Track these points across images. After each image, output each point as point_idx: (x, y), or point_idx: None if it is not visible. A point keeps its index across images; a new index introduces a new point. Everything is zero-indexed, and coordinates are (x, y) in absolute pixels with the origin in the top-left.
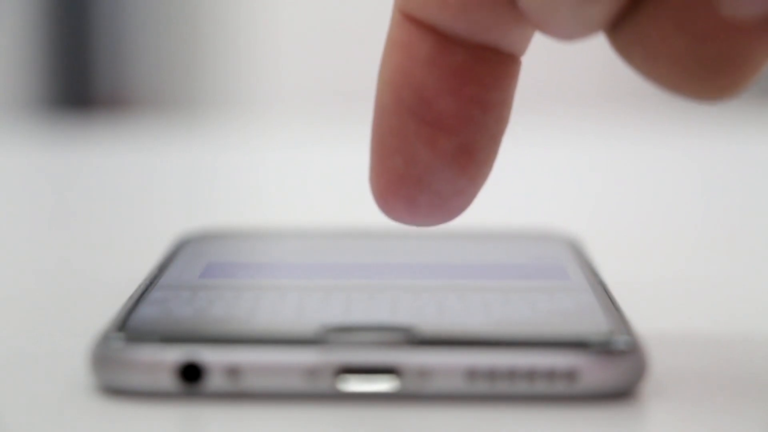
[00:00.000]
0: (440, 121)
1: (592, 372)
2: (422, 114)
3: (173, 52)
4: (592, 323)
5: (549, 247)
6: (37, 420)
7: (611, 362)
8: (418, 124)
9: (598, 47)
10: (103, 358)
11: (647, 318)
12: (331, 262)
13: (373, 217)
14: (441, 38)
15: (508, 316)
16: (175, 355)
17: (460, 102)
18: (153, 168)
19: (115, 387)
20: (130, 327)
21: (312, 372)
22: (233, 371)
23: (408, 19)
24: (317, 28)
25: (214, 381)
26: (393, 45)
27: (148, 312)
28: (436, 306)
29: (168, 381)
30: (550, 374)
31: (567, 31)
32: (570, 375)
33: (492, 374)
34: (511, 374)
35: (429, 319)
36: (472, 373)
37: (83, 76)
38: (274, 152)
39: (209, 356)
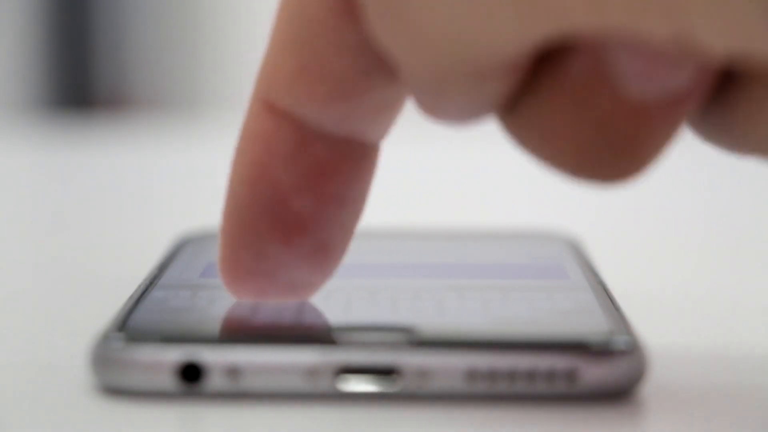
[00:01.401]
0: (297, 222)
1: (592, 372)
2: (278, 214)
3: (173, 52)
4: (592, 323)
5: (549, 247)
6: (37, 420)
7: (611, 362)
8: (274, 224)
9: None
10: (103, 358)
11: (647, 318)
12: None
13: (373, 218)
14: (302, 131)
15: (508, 317)
16: (175, 355)
17: (318, 200)
18: (153, 168)
19: (115, 387)
20: (130, 327)
21: (312, 372)
22: (233, 371)
23: (269, 110)
24: None
25: (214, 381)
26: (249, 136)
27: (148, 312)
28: (436, 306)
29: (168, 381)
30: (550, 374)
31: (457, 114)
32: (570, 375)
33: (492, 374)
34: (511, 374)
35: (429, 319)
36: (472, 374)
37: (83, 76)
38: None
39: (209, 356)
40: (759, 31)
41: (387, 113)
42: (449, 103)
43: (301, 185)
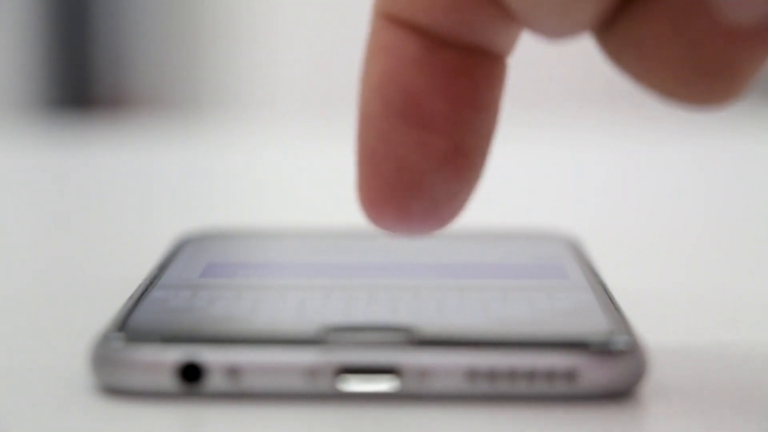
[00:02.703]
0: (431, 123)
1: (592, 372)
2: (412, 116)
3: (173, 52)
4: (592, 323)
5: (549, 247)
6: (38, 420)
7: (611, 362)
8: (409, 126)
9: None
10: (103, 358)
11: (647, 318)
12: (331, 262)
13: None
14: (427, 39)
15: (508, 316)
16: (175, 355)
17: (451, 102)
18: (153, 168)
19: (115, 387)
20: (130, 327)
21: (312, 372)
22: (233, 371)
23: (391, 22)
24: (317, 28)
25: (214, 381)
26: (376, 49)
27: (148, 312)
28: (436, 306)
29: (168, 381)
30: (550, 374)
31: (553, 29)
32: (570, 375)
33: (492, 374)
34: (511, 374)
35: (429, 319)
36: (473, 373)
37: (83, 76)
38: (274, 152)
39: (209, 356)
40: None
41: (507, 26)
42: (545, 21)
43: (432, 89)
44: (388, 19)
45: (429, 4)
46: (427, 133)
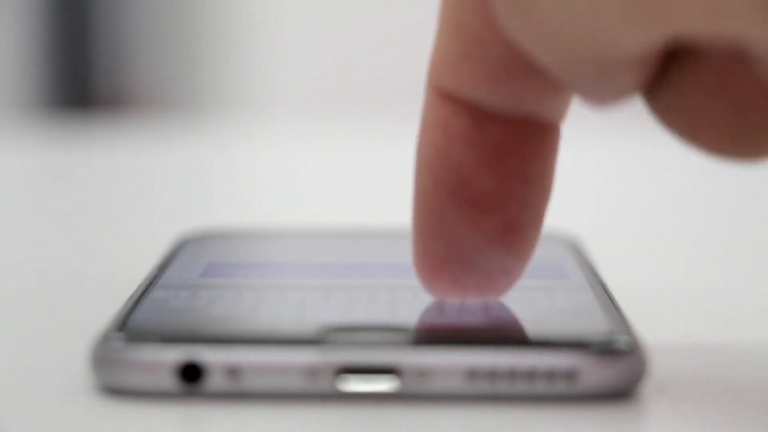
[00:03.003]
0: (482, 201)
1: (592, 372)
2: (463, 195)
3: (173, 52)
4: (592, 323)
5: (549, 247)
6: (38, 420)
7: (611, 362)
8: (460, 206)
9: None
10: (103, 358)
11: (647, 318)
12: (331, 262)
13: (373, 217)
14: (477, 114)
15: (508, 316)
16: (175, 355)
17: (501, 179)
18: (153, 168)
19: (115, 387)
20: (130, 327)
21: (312, 372)
22: (233, 371)
23: (442, 98)
24: (317, 28)
25: (214, 381)
26: (428, 125)
27: (148, 312)
28: (436, 306)
29: (168, 381)
30: (550, 374)
31: (599, 96)
32: (570, 375)
33: (492, 374)
34: (512, 374)
35: (429, 319)
36: (472, 373)
37: (83, 76)
38: (274, 152)
39: (209, 356)
40: None
41: (557, 93)
42: (587, 90)
43: (482, 165)
44: (438, 94)
45: (475, 79)
46: (478, 211)
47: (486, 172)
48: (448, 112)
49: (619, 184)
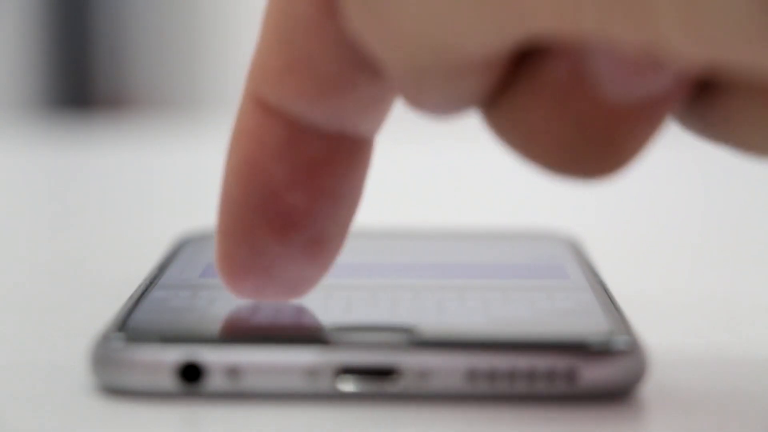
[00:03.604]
0: (290, 217)
1: (592, 372)
2: (271, 208)
3: (173, 52)
4: (592, 323)
5: (549, 247)
6: (38, 420)
7: (611, 362)
8: (267, 218)
9: None
10: (103, 358)
11: (647, 318)
12: None
13: (372, 217)
14: (293, 127)
15: (508, 316)
16: (175, 355)
17: (312, 196)
18: (153, 168)
19: (115, 387)
20: (130, 327)
21: (312, 372)
22: (233, 371)
23: (259, 106)
24: None
25: (214, 381)
26: (242, 132)
27: (148, 312)
28: (436, 306)
29: (168, 381)
30: (550, 374)
31: (436, 106)
32: (570, 375)
33: (492, 374)
34: (511, 374)
35: (429, 319)
36: (472, 374)
37: (83, 76)
38: None
39: (209, 356)
40: (734, 40)
41: (378, 108)
42: (429, 97)
43: (294, 180)
44: (256, 102)
45: (298, 90)
46: (285, 227)
47: (297, 188)
48: (263, 122)
49: (619, 184)
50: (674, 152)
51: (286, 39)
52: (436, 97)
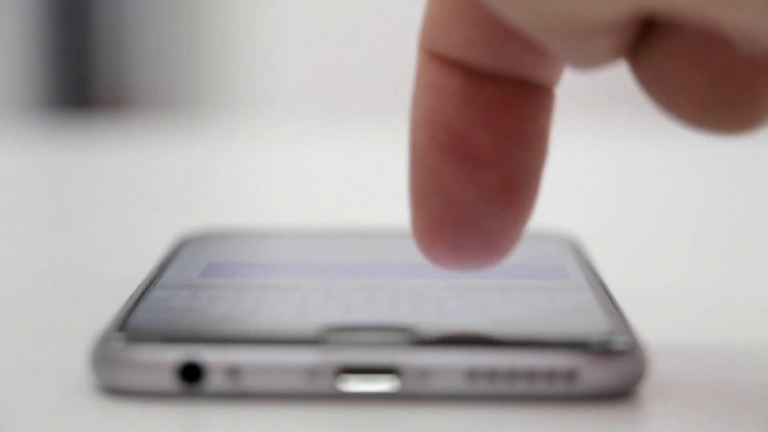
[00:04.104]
0: (478, 158)
1: (592, 372)
2: (459, 151)
3: (173, 52)
4: (592, 323)
5: (549, 247)
6: (38, 420)
7: (611, 362)
8: (456, 162)
9: None
10: (103, 358)
11: (647, 318)
12: (331, 262)
13: (372, 217)
14: (470, 74)
15: (508, 316)
16: (175, 355)
17: (497, 136)
18: (153, 168)
19: (115, 387)
20: (130, 327)
21: (312, 372)
22: (233, 371)
23: (434, 58)
24: (317, 28)
25: (214, 381)
26: (421, 85)
27: (148, 312)
28: (436, 306)
29: (168, 381)
30: (550, 374)
31: (581, 61)
32: (570, 375)
33: (492, 374)
34: (511, 374)
35: (429, 319)
36: (472, 373)
37: (83, 76)
38: (274, 152)
39: (209, 356)
40: None
41: (548, 57)
42: (567, 54)
43: (477, 123)
44: (431, 56)
45: (466, 40)
46: (474, 167)
47: (481, 129)
48: (440, 73)
49: (619, 184)
50: (674, 152)
51: None
52: (575, 54)
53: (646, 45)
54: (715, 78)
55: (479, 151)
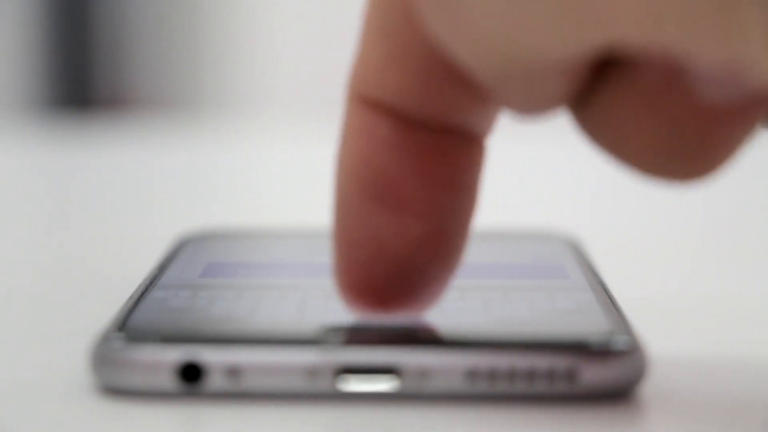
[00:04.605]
0: (408, 206)
1: (592, 372)
2: (389, 199)
3: (173, 52)
4: (592, 323)
5: (549, 247)
6: (38, 420)
7: (611, 362)
8: (386, 210)
9: None
10: (103, 358)
11: (647, 318)
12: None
13: None
14: (402, 120)
15: (508, 316)
16: (175, 355)
17: (428, 185)
18: (153, 168)
19: (115, 387)
20: (130, 327)
21: (312, 372)
22: (233, 371)
23: (364, 103)
24: (317, 28)
25: (214, 381)
26: (351, 131)
27: (148, 312)
28: (436, 306)
29: (168, 381)
30: (550, 374)
31: (524, 107)
32: (570, 375)
33: (492, 374)
34: (511, 374)
35: (429, 319)
36: (472, 373)
37: (83, 76)
38: (273, 152)
39: (209, 356)
40: None
41: (484, 105)
42: (514, 98)
43: (408, 171)
44: (361, 101)
45: (399, 86)
46: (404, 216)
47: (412, 178)
48: (371, 118)
49: (619, 184)
50: None
51: (384, 34)
52: (521, 99)
53: (596, 91)
54: (672, 125)
55: (409, 200)
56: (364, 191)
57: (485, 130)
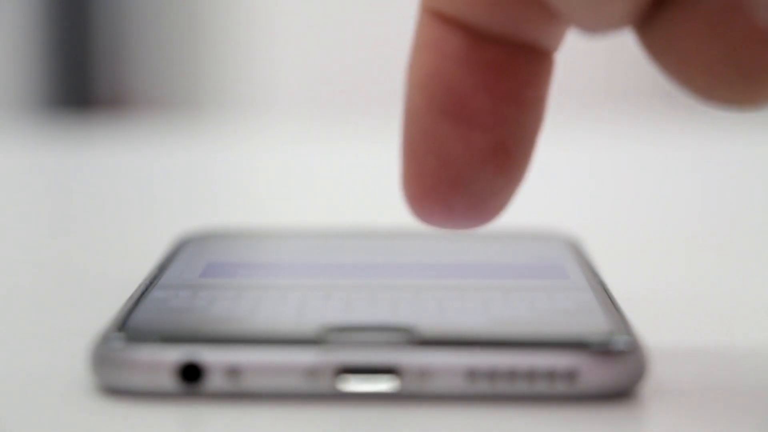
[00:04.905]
0: (475, 119)
1: (592, 372)
2: (456, 112)
3: (173, 52)
4: (592, 323)
5: (549, 247)
6: (38, 420)
7: (611, 362)
8: (452, 123)
9: (598, 47)
10: (103, 358)
11: (647, 318)
12: (331, 262)
13: (372, 217)
14: (471, 35)
15: (508, 316)
16: (175, 355)
17: (495, 98)
18: (153, 168)
19: (115, 387)
20: (130, 327)
21: (312, 372)
22: (233, 371)
23: (436, 17)
24: (317, 28)
25: (214, 381)
26: (421, 45)
27: (148, 312)
28: (436, 306)
29: (168, 381)
30: (550, 374)
31: (591, 24)
32: (570, 375)
33: (492, 374)
34: (512, 374)
35: (429, 319)
36: (473, 373)
37: (83, 76)
38: (273, 152)
39: (209, 356)
40: None
41: (552, 20)
42: (581, 17)
43: (476, 84)
44: (432, 15)
45: (470, 1)
46: (470, 129)
47: (479, 91)
48: (441, 32)
49: (619, 184)
50: (674, 151)
51: None
52: (589, 18)
53: (661, 12)
54: (731, 49)
55: (476, 113)
56: (432, 104)
57: (554, 46)
